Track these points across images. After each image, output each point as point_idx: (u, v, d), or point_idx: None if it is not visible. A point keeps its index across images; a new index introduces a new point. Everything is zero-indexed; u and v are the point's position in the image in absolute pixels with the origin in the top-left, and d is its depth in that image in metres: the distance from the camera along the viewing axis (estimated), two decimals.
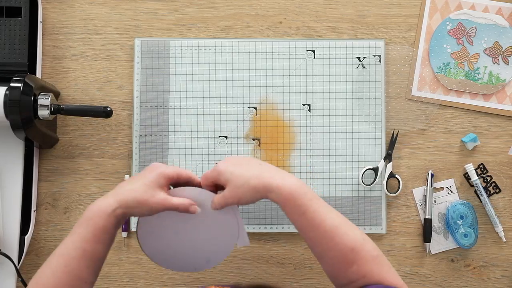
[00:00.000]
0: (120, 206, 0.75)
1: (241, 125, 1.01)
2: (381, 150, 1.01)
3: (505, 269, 1.00)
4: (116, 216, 0.75)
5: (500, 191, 1.01)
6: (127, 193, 0.76)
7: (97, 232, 0.74)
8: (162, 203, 0.76)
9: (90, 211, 0.75)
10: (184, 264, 0.83)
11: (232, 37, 1.03)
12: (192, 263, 0.83)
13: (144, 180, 0.77)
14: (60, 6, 1.04)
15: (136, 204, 0.75)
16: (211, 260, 0.83)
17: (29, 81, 0.90)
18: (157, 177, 0.77)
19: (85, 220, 0.75)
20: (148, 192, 0.75)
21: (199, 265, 0.83)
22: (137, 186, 0.76)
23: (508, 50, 1.02)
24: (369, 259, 0.73)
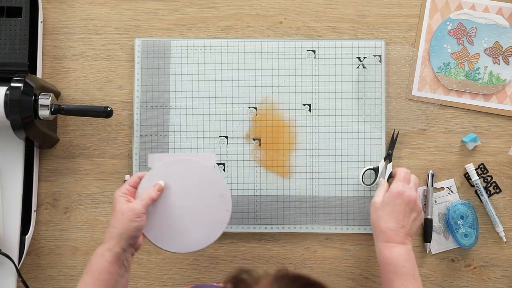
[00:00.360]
0: (109, 243, 0.79)
1: (241, 125, 1.01)
2: (381, 150, 1.01)
3: (505, 269, 1.00)
4: (113, 254, 0.79)
5: (500, 191, 1.01)
6: (108, 230, 0.81)
7: (96, 275, 0.78)
8: (134, 207, 0.81)
9: (90, 259, 0.80)
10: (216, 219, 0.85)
11: (232, 37, 1.03)
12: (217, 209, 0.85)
13: (112, 213, 0.82)
14: (60, 6, 1.04)
15: (119, 231, 0.79)
16: (222, 194, 0.86)
17: (30, 81, 0.90)
18: (116, 202, 0.82)
19: (87, 267, 0.80)
20: (118, 215, 0.81)
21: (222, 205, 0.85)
22: (111, 221, 0.82)
23: (508, 50, 1.02)
24: None
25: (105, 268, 0.78)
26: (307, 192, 1.00)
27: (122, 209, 0.81)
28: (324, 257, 1.00)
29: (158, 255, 1.00)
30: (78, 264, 1.00)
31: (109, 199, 1.01)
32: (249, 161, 1.01)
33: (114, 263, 0.78)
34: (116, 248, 0.79)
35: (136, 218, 0.80)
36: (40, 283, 1.00)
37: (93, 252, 0.99)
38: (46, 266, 1.00)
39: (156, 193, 0.84)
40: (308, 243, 1.00)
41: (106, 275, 0.78)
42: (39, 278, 1.00)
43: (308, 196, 1.00)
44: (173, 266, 1.00)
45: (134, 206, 0.81)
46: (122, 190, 0.84)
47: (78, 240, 1.00)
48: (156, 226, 0.84)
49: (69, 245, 1.00)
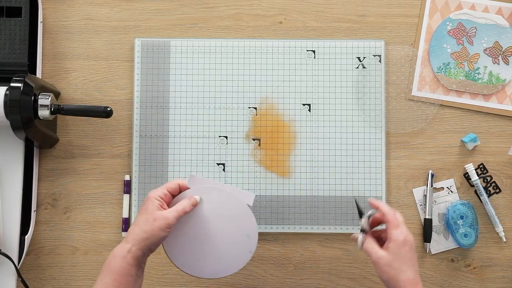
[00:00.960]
0: (133, 245, 0.78)
1: (241, 125, 1.02)
2: (381, 150, 1.01)
3: (505, 269, 1.00)
4: (133, 257, 0.78)
5: (500, 191, 1.01)
6: (134, 230, 0.80)
7: (116, 276, 0.77)
8: (167, 217, 0.80)
9: (108, 259, 0.79)
10: (237, 256, 0.85)
11: (232, 37, 1.03)
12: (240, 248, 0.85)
13: (142, 212, 0.81)
14: (60, 6, 1.04)
15: (145, 235, 0.79)
16: (249, 234, 0.85)
17: (29, 81, 0.90)
18: (150, 203, 0.81)
19: (104, 267, 0.79)
20: (149, 219, 0.79)
21: (246, 245, 0.85)
22: (139, 220, 0.80)
23: (508, 50, 1.02)
24: None
25: (126, 270, 0.77)
26: (307, 192, 1.00)
27: (155, 215, 0.79)
28: (324, 257, 1.00)
29: (158, 255, 1.00)
30: (78, 264, 1.00)
31: (109, 199, 1.01)
32: (249, 161, 1.01)
33: (134, 265, 0.78)
34: (138, 251, 0.78)
35: (166, 228, 0.79)
36: (40, 283, 1.00)
37: (92, 252, 1.00)
38: (46, 266, 1.00)
39: (190, 207, 0.83)
40: (308, 243, 1.00)
41: (127, 277, 0.78)
42: (39, 278, 1.00)
43: (308, 196, 1.00)
44: (173, 266, 0.99)
45: (167, 216, 0.80)
46: (159, 193, 0.82)
47: (78, 240, 1.00)
48: (176, 241, 0.84)
49: (69, 245, 1.00)
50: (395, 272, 0.79)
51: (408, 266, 0.79)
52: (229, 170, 1.01)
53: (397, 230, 0.80)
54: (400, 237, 0.80)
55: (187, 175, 1.00)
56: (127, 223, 1.00)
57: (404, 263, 0.79)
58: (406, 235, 0.81)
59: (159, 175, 1.00)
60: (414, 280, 0.79)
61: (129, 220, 1.00)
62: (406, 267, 0.79)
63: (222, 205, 0.86)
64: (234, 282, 1.00)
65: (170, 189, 0.84)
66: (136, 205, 1.00)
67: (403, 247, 0.80)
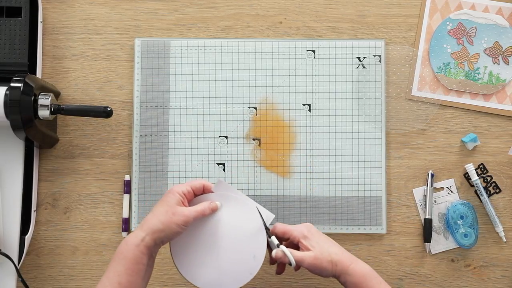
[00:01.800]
0: (147, 234, 0.78)
1: (241, 125, 1.02)
2: (381, 150, 1.01)
3: (505, 269, 1.00)
4: (146, 246, 0.78)
5: (500, 191, 1.01)
6: (151, 220, 0.80)
7: (129, 265, 0.77)
8: (186, 215, 0.80)
9: (121, 246, 0.79)
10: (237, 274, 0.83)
11: (232, 37, 1.03)
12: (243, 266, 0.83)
13: (162, 203, 0.81)
14: (60, 6, 1.04)
15: (161, 227, 0.79)
16: (256, 255, 0.84)
17: (29, 81, 0.90)
18: (172, 197, 0.81)
19: (117, 255, 0.78)
20: (169, 212, 0.79)
21: (249, 265, 0.83)
22: (158, 211, 0.80)
23: (508, 50, 1.02)
24: None
25: (138, 259, 0.77)
26: (307, 192, 1.00)
27: (175, 209, 0.79)
28: None
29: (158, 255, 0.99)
30: (78, 264, 1.00)
31: (109, 199, 1.01)
32: (249, 161, 1.01)
33: (146, 254, 0.78)
34: (151, 241, 0.78)
35: (183, 225, 0.79)
36: (40, 283, 1.00)
37: (92, 252, 1.00)
38: (46, 266, 1.00)
39: (209, 211, 0.83)
40: None
41: (139, 266, 0.78)
42: (39, 278, 1.00)
43: (308, 196, 1.00)
44: (173, 266, 1.00)
45: (186, 214, 0.80)
46: (183, 189, 0.82)
47: (78, 240, 1.00)
48: (183, 241, 0.84)
49: (69, 245, 1.00)
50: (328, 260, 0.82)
51: (332, 248, 0.83)
52: (229, 170, 1.01)
53: (294, 230, 0.84)
54: (304, 230, 0.84)
55: (190, 175, 1.00)
56: (127, 223, 1.00)
57: (327, 248, 0.83)
58: (305, 226, 0.85)
59: (159, 175, 1.00)
60: (344, 255, 0.83)
61: (129, 220, 1.00)
62: (331, 250, 0.83)
63: (238, 218, 0.85)
64: None
65: (195, 187, 0.84)
66: (136, 205, 1.00)
67: (314, 235, 0.83)
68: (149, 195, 1.00)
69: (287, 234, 0.84)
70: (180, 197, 0.81)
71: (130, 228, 1.00)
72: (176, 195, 0.81)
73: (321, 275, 0.83)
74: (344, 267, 0.82)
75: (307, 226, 0.85)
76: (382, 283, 0.83)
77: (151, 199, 1.00)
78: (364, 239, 1.00)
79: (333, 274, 0.83)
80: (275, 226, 0.86)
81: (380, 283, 0.83)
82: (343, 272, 0.82)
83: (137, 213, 1.00)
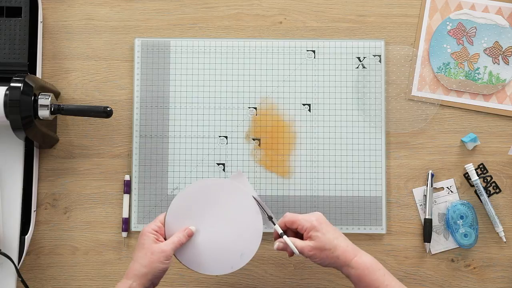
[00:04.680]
0: (134, 281, 0.80)
1: (241, 125, 1.02)
2: (381, 150, 1.01)
3: (505, 269, 1.00)
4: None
5: (500, 191, 1.01)
6: (133, 266, 0.82)
7: None
8: (164, 250, 0.81)
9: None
10: (221, 265, 0.85)
11: (232, 37, 1.03)
12: (227, 261, 0.85)
13: (139, 248, 0.83)
14: (60, 6, 1.04)
15: (145, 270, 0.80)
16: (244, 253, 0.85)
17: (29, 81, 0.90)
18: (146, 238, 0.83)
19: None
20: (147, 254, 0.81)
21: (234, 262, 0.85)
22: (137, 256, 0.82)
23: (508, 50, 1.02)
24: None
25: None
26: (307, 192, 1.00)
27: (152, 249, 0.81)
28: None
29: None
30: (78, 264, 1.00)
31: (109, 199, 1.01)
32: (249, 161, 1.01)
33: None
34: (139, 286, 0.80)
35: (165, 260, 0.81)
36: (40, 283, 1.00)
37: (92, 252, 1.00)
38: (46, 266, 1.00)
39: (186, 238, 0.84)
40: None
41: None
42: (39, 278, 1.00)
43: (308, 196, 1.00)
44: (173, 266, 1.00)
45: (164, 248, 0.81)
46: (152, 227, 0.84)
47: (78, 240, 1.00)
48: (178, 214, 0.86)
49: (69, 245, 1.00)
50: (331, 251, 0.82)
51: (337, 240, 0.82)
52: (229, 170, 1.01)
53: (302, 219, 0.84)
54: (313, 221, 0.83)
55: (190, 175, 1.00)
56: (127, 223, 1.00)
57: (332, 240, 0.82)
58: (315, 217, 0.84)
59: (159, 175, 1.00)
60: (349, 248, 0.83)
61: (129, 220, 1.00)
62: (336, 242, 0.82)
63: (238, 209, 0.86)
64: (234, 282, 1.00)
65: (162, 222, 0.86)
66: (136, 205, 1.00)
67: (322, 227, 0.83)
68: (149, 195, 1.00)
69: (295, 224, 0.84)
70: (153, 235, 0.83)
71: (130, 228, 1.00)
72: (148, 236, 0.83)
73: (322, 265, 0.84)
74: (347, 260, 0.82)
75: (317, 216, 0.85)
76: (386, 275, 0.83)
77: (151, 199, 1.00)
78: (364, 239, 1.00)
79: (334, 266, 0.83)
80: (285, 215, 0.86)
81: (384, 275, 0.82)
82: (346, 265, 0.82)
83: (137, 213, 1.00)
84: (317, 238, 0.82)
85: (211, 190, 0.87)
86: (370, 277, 0.82)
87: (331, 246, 0.82)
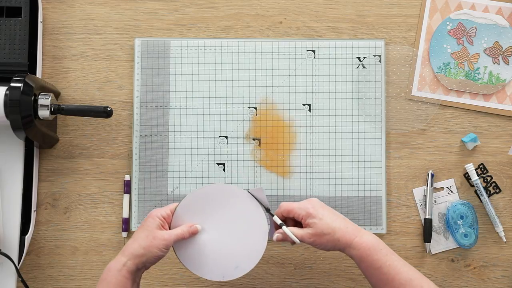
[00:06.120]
0: (129, 259, 0.79)
1: (241, 125, 1.02)
2: (381, 150, 1.01)
3: (505, 269, 1.00)
4: (128, 271, 0.79)
5: (500, 191, 1.01)
6: (132, 245, 0.81)
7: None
8: (166, 239, 0.81)
9: (104, 273, 0.80)
10: (214, 271, 0.84)
11: (232, 37, 1.03)
12: (220, 269, 0.84)
13: (143, 228, 0.82)
14: (60, 6, 1.04)
15: (143, 251, 0.80)
16: (239, 267, 0.84)
17: (29, 81, 0.90)
18: (152, 221, 0.82)
19: (100, 282, 0.80)
20: (149, 237, 0.80)
21: (227, 272, 0.84)
22: (139, 236, 0.81)
23: (508, 50, 1.02)
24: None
25: (122, 283, 0.78)
26: (307, 192, 1.00)
27: (154, 233, 0.81)
28: (324, 257, 1.00)
29: None
30: (78, 264, 1.00)
31: (109, 199, 1.01)
32: (249, 161, 1.01)
33: (129, 279, 0.79)
34: (133, 265, 0.79)
35: (164, 248, 0.80)
36: (40, 283, 1.00)
37: (92, 252, 1.00)
38: (46, 266, 1.00)
39: (189, 235, 0.83)
40: None
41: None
42: (39, 278, 1.00)
43: (308, 196, 1.00)
44: (173, 266, 1.00)
45: (167, 237, 0.81)
46: (162, 213, 0.83)
47: (78, 240, 1.00)
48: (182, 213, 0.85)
49: (69, 245, 1.00)
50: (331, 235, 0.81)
51: (336, 222, 0.82)
52: (229, 170, 1.01)
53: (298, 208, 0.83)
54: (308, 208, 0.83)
55: (190, 175, 1.00)
56: (127, 223, 1.00)
57: (330, 223, 0.82)
58: (310, 203, 0.84)
59: (159, 175, 1.00)
60: (350, 229, 0.82)
61: (129, 220, 1.00)
62: (335, 224, 0.82)
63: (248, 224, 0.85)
64: (234, 282, 1.00)
65: (173, 211, 0.85)
66: (136, 205, 1.00)
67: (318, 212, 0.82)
68: (149, 195, 1.00)
69: (291, 213, 0.84)
70: (160, 221, 0.82)
71: (130, 228, 1.00)
72: (155, 219, 0.82)
73: (325, 250, 0.83)
74: (348, 242, 0.81)
75: (311, 202, 0.84)
76: (389, 255, 0.81)
77: (151, 199, 1.00)
78: None
79: (337, 249, 0.83)
80: (280, 205, 0.86)
81: (386, 255, 0.81)
82: (347, 246, 0.81)
83: (137, 213, 1.00)
84: (314, 224, 0.82)
85: (229, 196, 0.86)
86: (372, 257, 0.80)
87: (330, 230, 0.81)
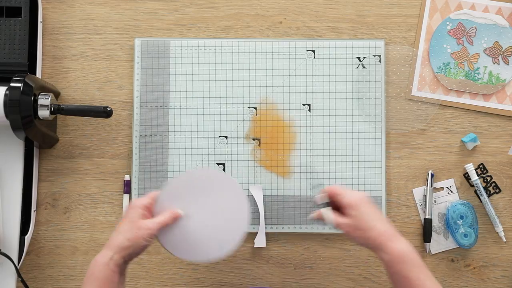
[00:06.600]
0: (115, 252, 0.79)
1: (241, 125, 1.02)
2: (381, 150, 1.01)
3: (505, 269, 1.00)
4: (115, 264, 0.79)
5: (500, 191, 1.01)
6: (117, 238, 0.80)
7: (101, 284, 0.78)
8: (150, 228, 0.80)
9: (90, 267, 0.79)
10: (199, 253, 0.84)
11: (232, 37, 1.03)
12: (205, 250, 0.84)
13: (126, 220, 0.81)
14: (60, 6, 1.04)
15: (128, 243, 0.79)
16: (223, 247, 0.84)
17: (29, 81, 0.90)
18: (134, 212, 0.82)
19: (88, 277, 0.79)
20: (133, 228, 0.80)
21: (212, 253, 0.84)
22: (123, 228, 0.81)
23: (508, 50, 1.02)
24: None
25: (110, 277, 0.78)
26: (307, 192, 1.00)
27: (138, 224, 0.80)
28: (324, 257, 1.00)
29: (158, 255, 1.00)
30: (78, 264, 1.00)
31: (109, 199, 1.01)
32: (249, 161, 1.01)
33: (117, 272, 0.79)
34: (120, 258, 0.79)
35: (148, 238, 0.80)
36: (40, 283, 1.00)
37: (92, 252, 1.00)
38: (46, 266, 1.00)
39: (172, 220, 0.83)
40: (308, 243, 1.00)
41: (112, 284, 0.78)
42: (38, 278, 1.00)
43: (308, 196, 1.00)
44: (173, 266, 1.00)
45: (150, 226, 0.80)
46: (143, 202, 0.83)
47: (78, 240, 1.00)
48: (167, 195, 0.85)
49: (69, 245, 1.00)
50: (365, 232, 0.81)
51: (374, 222, 0.81)
52: (229, 170, 1.01)
53: (347, 196, 0.83)
54: (352, 199, 0.83)
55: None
56: None
57: (368, 221, 0.81)
58: (357, 196, 0.83)
59: (159, 175, 1.00)
60: (386, 232, 0.81)
61: None
62: (372, 224, 0.81)
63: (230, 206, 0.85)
64: (234, 282, 1.00)
65: (155, 199, 0.84)
66: None
67: (361, 207, 0.82)
68: None
69: (337, 197, 0.84)
70: (142, 210, 0.82)
71: None
72: (137, 210, 0.82)
73: (357, 243, 0.83)
74: (381, 244, 0.80)
75: (361, 195, 0.84)
76: (419, 267, 0.78)
77: None
78: None
79: (368, 247, 0.82)
80: (330, 187, 0.86)
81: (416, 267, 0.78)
82: (379, 249, 0.80)
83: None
84: (353, 217, 0.82)
85: (210, 180, 0.86)
86: (401, 266, 0.79)
87: (366, 227, 0.81)
